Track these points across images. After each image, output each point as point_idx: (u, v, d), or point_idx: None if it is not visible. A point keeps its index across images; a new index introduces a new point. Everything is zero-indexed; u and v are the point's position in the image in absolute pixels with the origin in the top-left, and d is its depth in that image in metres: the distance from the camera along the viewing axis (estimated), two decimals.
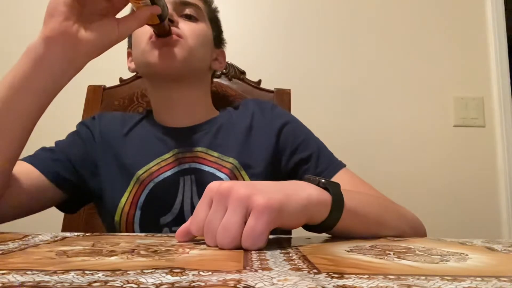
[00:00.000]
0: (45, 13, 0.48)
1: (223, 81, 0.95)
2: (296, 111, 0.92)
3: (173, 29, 0.63)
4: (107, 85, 0.97)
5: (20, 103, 0.48)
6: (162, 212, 0.62)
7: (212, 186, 0.36)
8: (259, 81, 0.97)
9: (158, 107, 0.73)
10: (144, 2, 0.52)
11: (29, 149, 0.62)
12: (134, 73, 0.97)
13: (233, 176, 0.64)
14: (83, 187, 0.67)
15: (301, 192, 0.37)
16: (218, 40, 0.77)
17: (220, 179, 0.63)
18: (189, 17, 0.68)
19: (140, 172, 0.64)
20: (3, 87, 0.48)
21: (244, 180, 0.65)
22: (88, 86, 0.96)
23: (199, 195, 0.63)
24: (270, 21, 1.47)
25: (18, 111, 0.49)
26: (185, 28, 0.66)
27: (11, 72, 0.48)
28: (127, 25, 0.52)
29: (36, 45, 0.48)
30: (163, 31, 0.62)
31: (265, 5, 1.48)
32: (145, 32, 0.65)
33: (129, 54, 0.76)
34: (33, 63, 0.48)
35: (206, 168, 0.65)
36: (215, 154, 0.66)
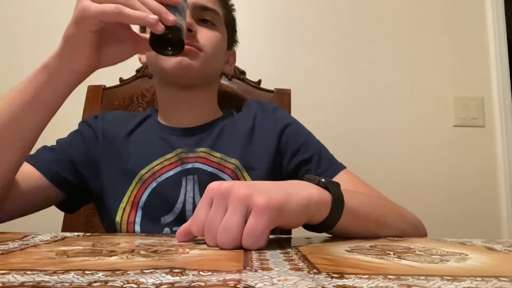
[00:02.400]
0: (64, 36, 0.48)
1: (223, 81, 0.95)
2: (296, 111, 0.92)
3: (191, 41, 0.63)
4: (107, 85, 0.97)
5: (30, 118, 0.50)
6: (163, 212, 0.62)
7: (212, 186, 0.36)
8: (259, 81, 0.97)
9: (165, 106, 0.73)
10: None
11: None
12: (134, 73, 0.98)
13: (235, 177, 0.64)
14: (83, 187, 0.67)
15: (301, 191, 0.37)
16: (231, 41, 0.77)
17: (223, 179, 0.63)
18: (205, 22, 0.68)
19: (143, 171, 0.64)
20: (15, 103, 0.49)
21: (245, 180, 0.65)
22: (88, 86, 0.96)
23: (201, 196, 0.63)
24: (270, 21, 1.47)
25: (27, 126, 0.51)
26: (202, 37, 0.66)
27: (23, 88, 0.50)
28: (145, 48, 0.53)
29: (55, 69, 0.49)
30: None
31: (265, 5, 1.48)
32: None
33: None
34: (47, 82, 0.49)
35: (209, 169, 0.65)
36: (218, 155, 0.67)
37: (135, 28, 0.54)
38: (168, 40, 0.49)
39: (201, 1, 0.67)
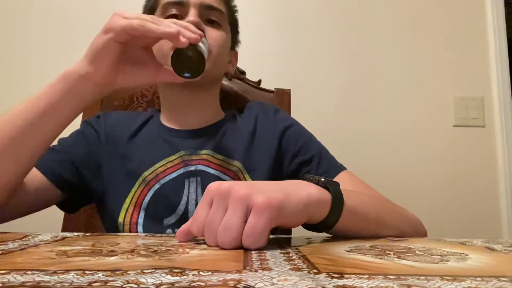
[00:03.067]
0: (90, 44, 0.50)
1: (223, 81, 0.95)
2: (296, 111, 0.92)
3: None
4: None
5: (47, 127, 0.51)
6: (166, 213, 0.62)
7: (212, 186, 0.36)
8: (259, 81, 0.97)
9: (170, 107, 0.73)
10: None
11: None
12: None
13: (237, 179, 0.65)
14: (84, 187, 0.67)
15: (301, 191, 0.37)
16: (234, 41, 0.78)
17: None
18: (212, 22, 0.68)
19: (146, 173, 0.65)
20: (34, 111, 0.50)
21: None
22: None
23: None
24: (270, 21, 1.47)
25: (43, 134, 0.51)
26: (210, 37, 0.66)
27: (41, 95, 0.50)
28: (165, 77, 0.55)
29: (73, 77, 0.50)
30: None
31: (265, 5, 1.48)
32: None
33: None
34: (67, 92, 0.50)
35: (212, 171, 0.65)
36: (220, 157, 0.67)
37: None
38: (188, 61, 0.51)
39: (208, 1, 0.68)
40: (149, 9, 0.72)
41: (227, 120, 0.74)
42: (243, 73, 0.97)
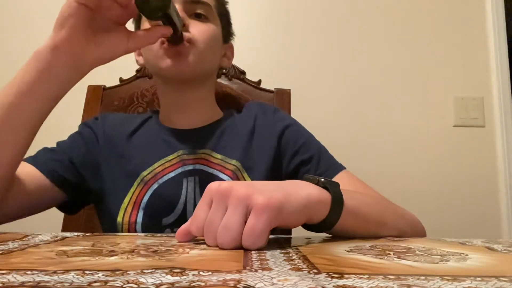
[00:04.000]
0: (55, 20, 0.48)
1: (223, 81, 0.95)
2: (296, 111, 0.92)
3: (185, 34, 0.63)
4: (107, 85, 0.97)
5: (26, 108, 0.49)
6: (165, 213, 0.62)
7: (212, 186, 0.36)
8: (259, 81, 0.97)
9: (167, 107, 0.73)
10: (156, 22, 0.51)
11: (31, 149, 0.62)
12: (134, 73, 0.98)
13: (235, 178, 0.65)
14: (83, 187, 0.67)
15: (301, 191, 0.37)
16: (227, 34, 0.76)
17: (223, 180, 0.63)
18: (198, 16, 0.68)
19: (144, 173, 0.65)
20: (11, 92, 0.48)
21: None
22: (88, 86, 0.96)
23: None
24: (270, 21, 1.47)
25: (24, 116, 0.49)
26: (195, 31, 0.65)
27: (18, 77, 0.49)
28: (137, 41, 0.53)
29: (43, 52, 0.48)
30: (175, 37, 0.61)
31: (265, 5, 1.48)
32: None
33: None
34: (40, 70, 0.48)
35: (210, 170, 0.65)
36: (219, 156, 0.67)
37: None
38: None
39: None
40: None
41: (225, 119, 0.74)
42: (243, 73, 0.97)
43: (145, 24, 0.66)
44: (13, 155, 0.51)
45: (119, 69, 1.00)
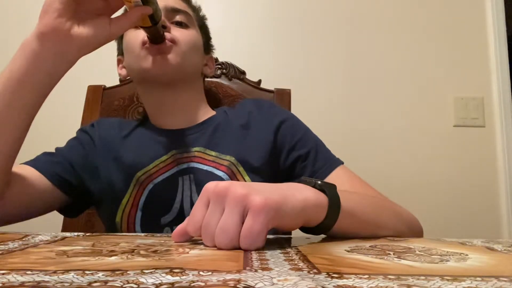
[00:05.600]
0: (41, 10, 0.48)
1: (223, 81, 0.95)
2: (296, 111, 0.92)
3: (166, 34, 0.64)
4: (107, 85, 0.97)
5: (18, 98, 0.49)
6: (162, 212, 0.63)
7: (209, 186, 0.36)
8: (259, 81, 0.97)
9: (153, 111, 0.73)
10: (135, 2, 0.52)
11: (31, 149, 0.62)
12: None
13: (230, 173, 0.64)
14: (83, 190, 0.67)
15: (298, 194, 0.37)
16: (207, 46, 0.79)
17: (218, 176, 0.64)
18: (179, 24, 0.69)
19: (139, 173, 0.65)
20: (1, 83, 0.49)
21: (242, 176, 0.65)
22: (88, 86, 0.96)
23: (198, 193, 0.63)
24: (270, 21, 1.47)
25: (17, 106, 0.50)
26: (177, 34, 0.67)
27: (8, 67, 0.49)
28: (118, 25, 0.53)
29: (30, 41, 0.49)
30: (156, 35, 0.62)
31: (265, 5, 1.48)
32: (138, 37, 0.66)
33: (119, 61, 0.77)
34: (28, 58, 0.49)
35: (204, 167, 0.65)
36: (213, 153, 0.67)
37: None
38: None
39: (172, 3, 0.69)
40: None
41: (218, 117, 0.74)
42: (243, 73, 0.97)
43: None
44: (8, 145, 0.51)
45: None
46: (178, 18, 0.69)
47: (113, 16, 0.53)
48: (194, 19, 0.73)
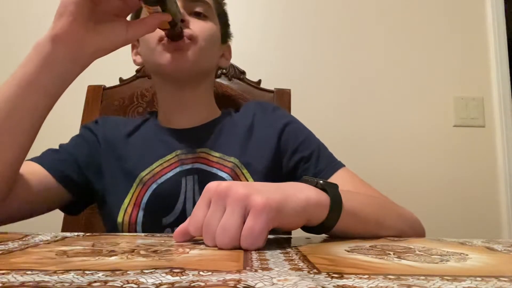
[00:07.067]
0: (56, 11, 0.48)
1: (223, 81, 0.95)
2: (296, 111, 0.92)
3: (185, 30, 0.63)
4: (107, 85, 0.97)
5: (28, 100, 0.49)
6: (164, 212, 0.62)
7: (210, 186, 0.36)
8: (259, 81, 0.97)
9: (166, 107, 0.73)
10: (155, 9, 0.51)
11: (33, 148, 0.62)
12: (134, 73, 0.98)
13: (234, 174, 0.64)
14: (88, 188, 0.67)
15: (300, 193, 0.37)
16: (225, 35, 0.77)
17: (222, 178, 0.63)
18: (198, 15, 0.68)
19: (143, 173, 0.65)
20: (12, 85, 0.48)
21: (245, 178, 0.65)
22: (88, 86, 0.96)
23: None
24: (270, 21, 1.47)
25: (27, 109, 0.49)
26: (196, 28, 0.66)
27: (20, 69, 0.49)
28: (136, 30, 0.52)
29: (43, 43, 0.48)
30: (174, 34, 0.61)
31: (265, 5, 1.48)
32: (156, 31, 0.65)
33: (134, 46, 0.75)
34: (40, 61, 0.48)
35: (209, 168, 0.65)
36: (217, 154, 0.67)
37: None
38: None
39: None
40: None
41: (223, 118, 0.74)
42: (243, 73, 0.97)
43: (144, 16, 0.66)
44: (14, 152, 0.50)
45: (119, 69, 1.00)
46: (197, 9, 0.68)
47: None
48: (213, 9, 0.72)
